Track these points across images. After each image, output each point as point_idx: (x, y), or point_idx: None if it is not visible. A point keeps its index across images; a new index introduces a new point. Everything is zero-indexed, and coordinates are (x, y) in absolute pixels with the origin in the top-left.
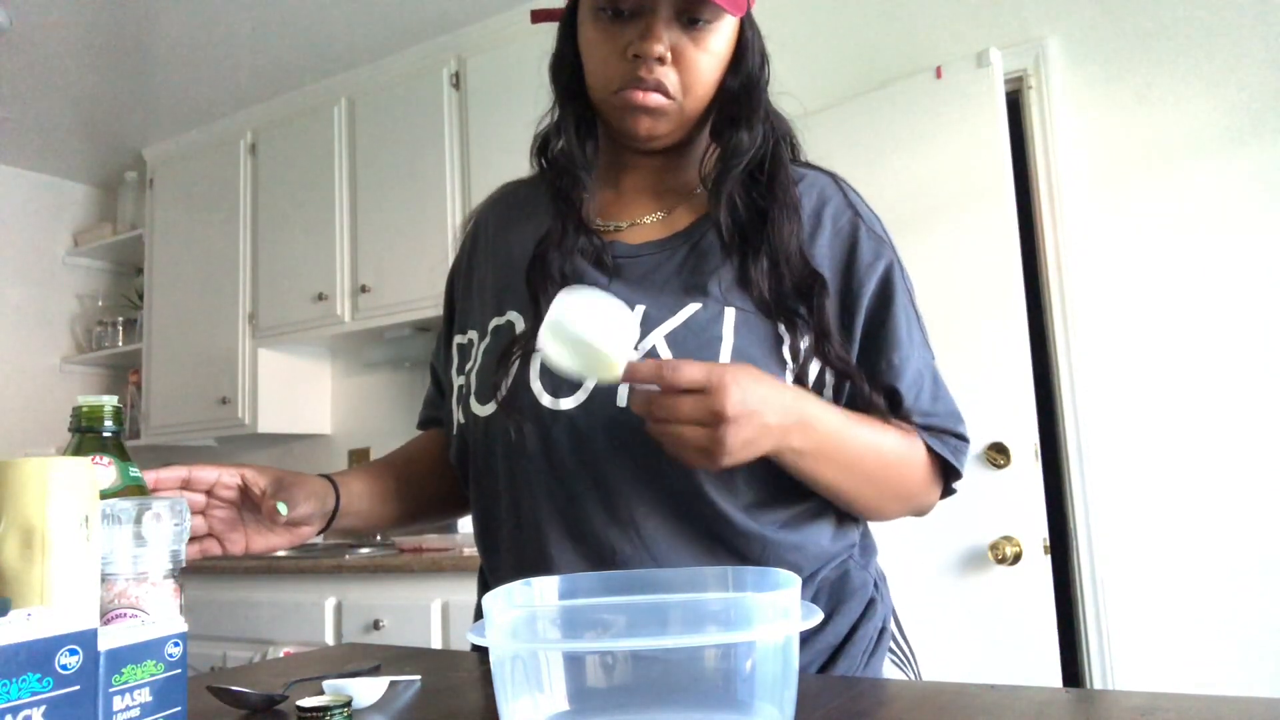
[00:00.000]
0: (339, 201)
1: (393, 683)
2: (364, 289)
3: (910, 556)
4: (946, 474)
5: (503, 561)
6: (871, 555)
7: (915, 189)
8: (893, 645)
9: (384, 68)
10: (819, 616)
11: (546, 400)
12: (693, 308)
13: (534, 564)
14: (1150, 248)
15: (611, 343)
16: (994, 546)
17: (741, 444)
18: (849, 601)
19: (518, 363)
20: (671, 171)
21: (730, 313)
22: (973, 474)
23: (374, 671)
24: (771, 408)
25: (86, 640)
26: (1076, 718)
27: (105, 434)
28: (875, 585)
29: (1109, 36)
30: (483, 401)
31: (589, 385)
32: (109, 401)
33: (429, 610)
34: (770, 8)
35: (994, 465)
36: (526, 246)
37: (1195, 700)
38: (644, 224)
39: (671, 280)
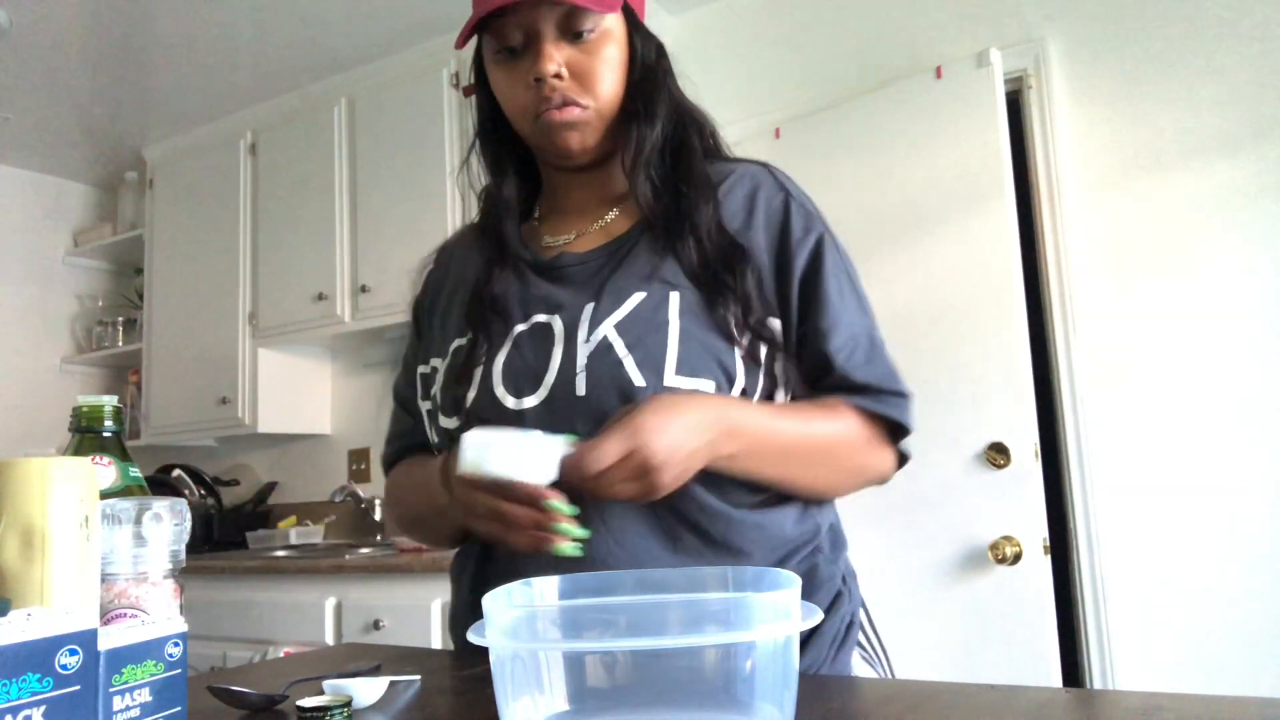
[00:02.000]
0: (339, 201)
1: (393, 683)
2: (364, 289)
3: (910, 556)
4: (895, 434)
5: (473, 562)
6: (841, 550)
7: (915, 189)
8: (861, 640)
9: (384, 68)
10: (819, 616)
11: (510, 401)
12: (638, 296)
13: (504, 563)
14: (1150, 247)
15: (528, 474)
16: (994, 546)
17: (674, 479)
18: (816, 594)
19: (479, 374)
20: (608, 182)
21: (675, 296)
22: (973, 474)
23: (374, 671)
24: (693, 432)
25: (86, 640)
26: (1076, 718)
27: (105, 434)
28: (844, 580)
29: (1109, 36)
30: (448, 415)
31: (549, 381)
32: (109, 401)
33: (429, 610)
34: (771, 8)
35: (994, 465)
36: (468, 282)
37: (1195, 700)
38: (589, 233)
39: (617, 276)
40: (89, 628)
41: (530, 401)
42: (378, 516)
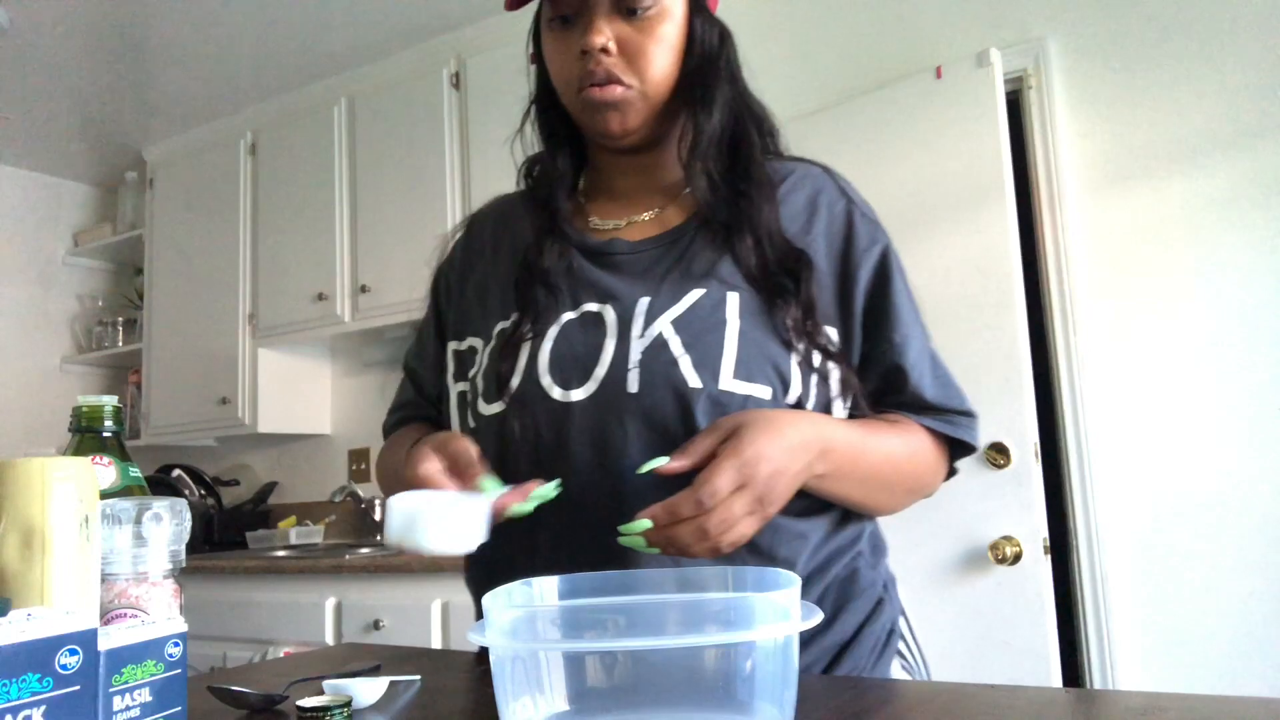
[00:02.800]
0: (339, 201)
1: (393, 683)
2: (364, 289)
3: (910, 556)
4: (952, 452)
5: (515, 562)
6: (882, 555)
7: (915, 189)
8: (901, 648)
9: (384, 68)
10: (819, 616)
11: (556, 393)
12: (696, 294)
13: (548, 563)
14: (1150, 247)
15: (456, 544)
16: (994, 546)
17: (780, 504)
18: (856, 600)
19: (525, 357)
20: (661, 169)
21: (734, 297)
22: (973, 474)
23: (374, 671)
24: (796, 454)
25: (86, 640)
26: (1076, 718)
27: (105, 434)
28: (885, 586)
29: (1109, 36)
30: (490, 400)
31: (599, 374)
32: (109, 401)
33: (429, 610)
34: (771, 8)
35: (994, 465)
36: (517, 251)
37: (1195, 700)
38: (641, 221)
39: (673, 270)
40: (89, 628)
41: (578, 395)
42: (378, 516)
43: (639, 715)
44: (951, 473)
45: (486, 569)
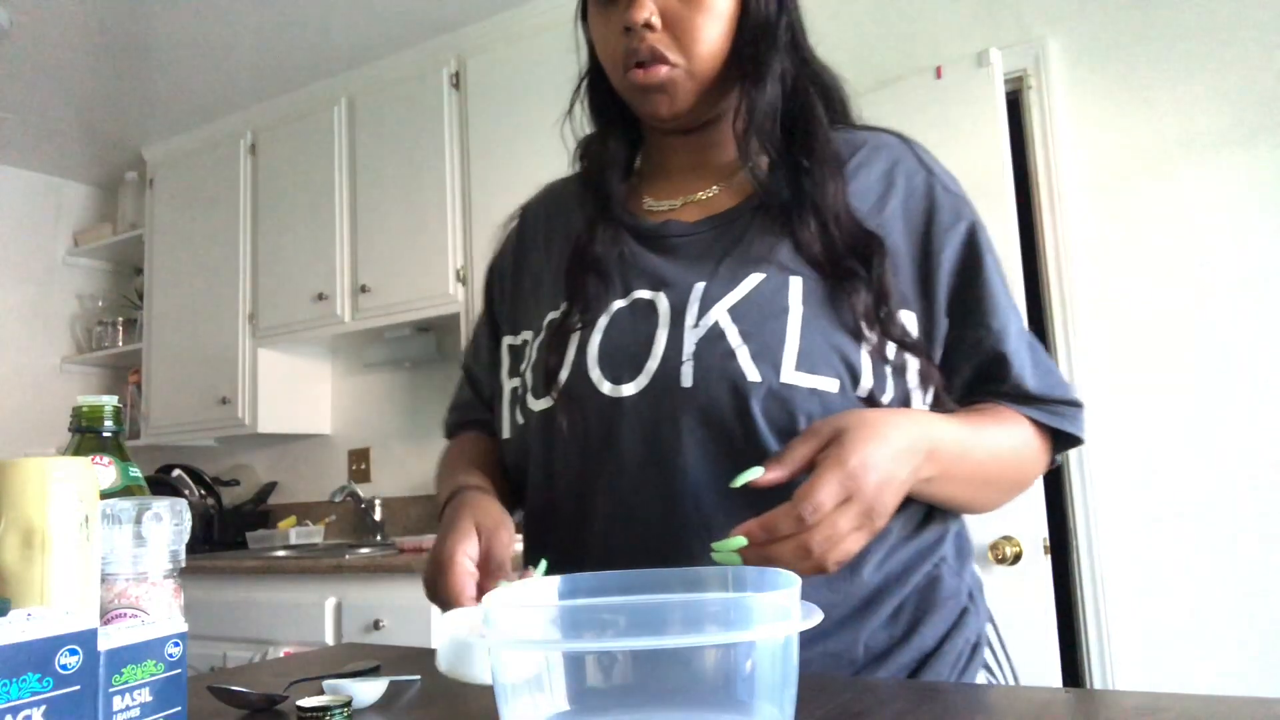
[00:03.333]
0: (339, 201)
1: (393, 683)
2: (364, 289)
3: None
4: (1055, 443)
5: (562, 568)
6: (967, 559)
7: None
8: (989, 659)
9: (384, 68)
10: (819, 616)
11: (606, 388)
12: (755, 278)
13: (597, 568)
14: (1150, 248)
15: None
16: (994, 546)
17: (888, 513)
18: (938, 611)
19: (574, 349)
20: (718, 146)
21: (797, 282)
22: None
23: (374, 671)
24: (902, 461)
25: (86, 640)
26: (1076, 718)
27: (105, 434)
28: (970, 595)
29: (1109, 36)
30: (538, 395)
31: (650, 368)
32: (109, 401)
33: (429, 610)
34: None
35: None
36: (569, 238)
37: (1195, 700)
38: (697, 201)
39: (730, 253)
40: (89, 628)
41: (629, 390)
42: (378, 516)
43: (639, 715)
44: (1053, 464)
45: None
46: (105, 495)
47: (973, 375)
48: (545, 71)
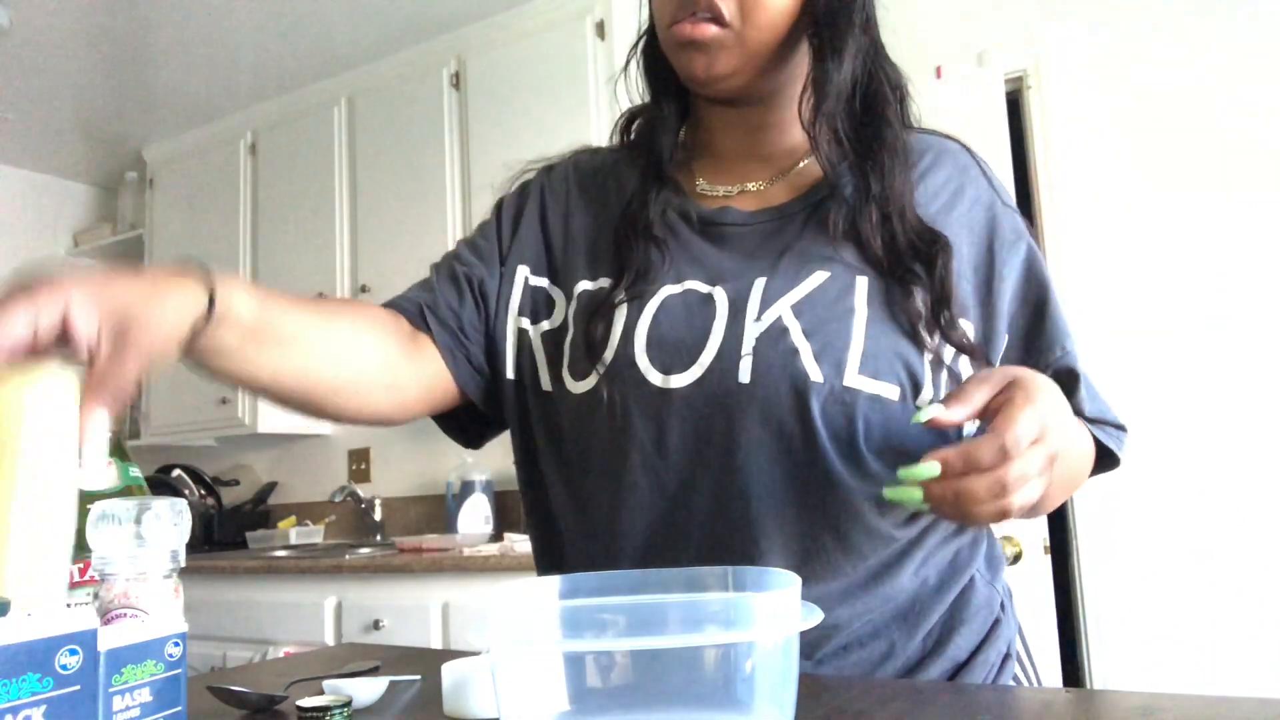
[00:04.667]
0: (339, 201)
1: (393, 683)
2: (364, 289)
3: None
4: (1099, 462)
5: (589, 560)
6: (999, 569)
7: None
8: (1018, 672)
9: (384, 68)
10: (819, 616)
11: (655, 378)
12: (820, 276)
13: (633, 563)
14: (1151, 247)
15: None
16: None
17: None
18: (971, 622)
19: (620, 329)
20: (772, 130)
21: (863, 282)
22: None
23: (374, 671)
24: (1065, 420)
25: (86, 640)
26: (1076, 718)
27: None
28: (1001, 604)
29: (1109, 36)
30: (577, 377)
31: (705, 360)
32: None
33: (429, 610)
34: None
35: None
36: (613, 209)
37: (1195, 700)
38: (753, 190)
39: (792, 247)
40: (89, 628)
41: (679, 381)
42: (378, 516)
43: (639, 715)
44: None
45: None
46: (105, 495)
47: None
48: (545, 71)
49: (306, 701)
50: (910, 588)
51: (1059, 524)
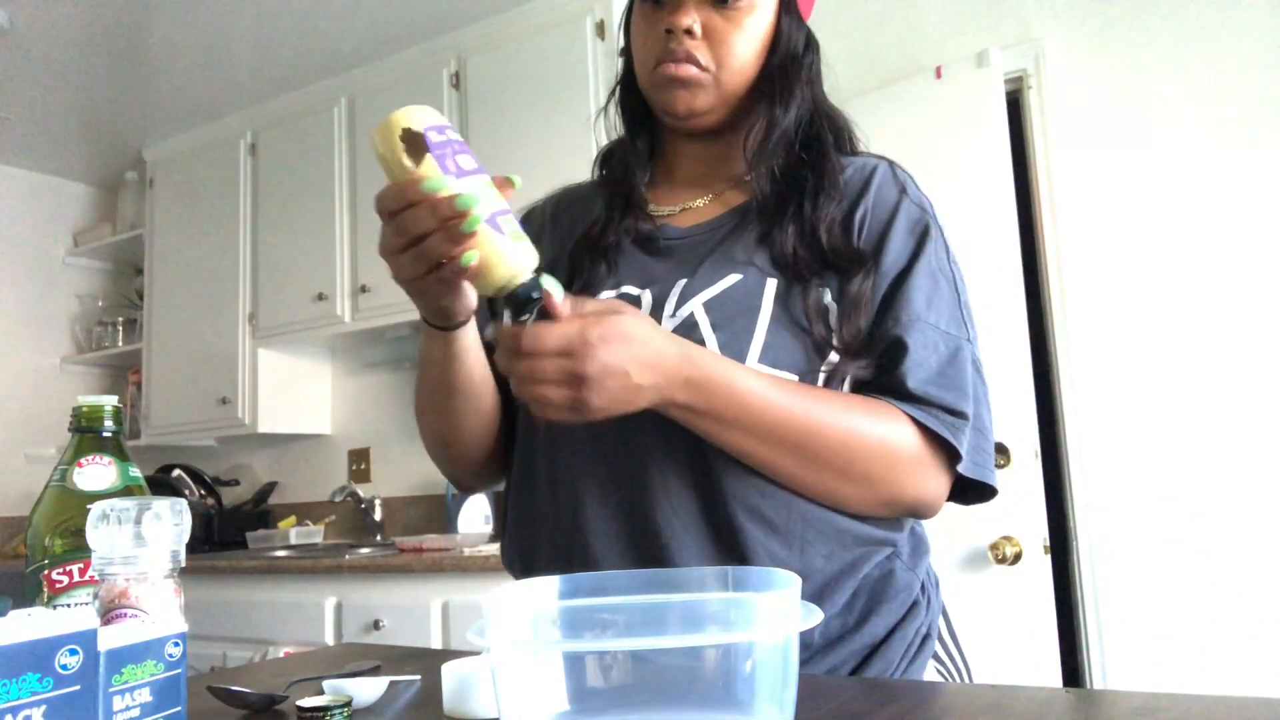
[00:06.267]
0: (339, 201)
1: (393, 683)
2: (364, 289)
3: None
4: (952, 460)
5: (537, 529)
6: (922, 556)
7: None
8: (939, 651)
9: (384, 68)
10: (819, 616)
11: None
12: (733, 278)
13: (568, 532)
14: (1150, 248)
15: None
16: (994, 546)
17: (608, 402)
18: (889, 603)
19: None
20: (722, 159)
21: (771, 284)
22: None
23: (374, 671)
24: (642, 366)
25: (86, 640)
26: (1076, 718)
27: (105, 434)
28: (923, 588)
29: (1109, 36)
30: None
31: None
32: (109, 401)
33: (429, 610)
34: None
35: (994, 465)
36: (579, 233)
37: (1195, 700)
38: (693, 208)
39: (714, 254)
40: (89, 628)
41: None
42: (378, 516)
43: (639, 715)
44: (975, 493)
45: (519, 548)
46: (105, 495)
47: (877, 367)
48: (545, 71)
49: (306, 701)
50: (828, 570)
51: (1059, 524)
